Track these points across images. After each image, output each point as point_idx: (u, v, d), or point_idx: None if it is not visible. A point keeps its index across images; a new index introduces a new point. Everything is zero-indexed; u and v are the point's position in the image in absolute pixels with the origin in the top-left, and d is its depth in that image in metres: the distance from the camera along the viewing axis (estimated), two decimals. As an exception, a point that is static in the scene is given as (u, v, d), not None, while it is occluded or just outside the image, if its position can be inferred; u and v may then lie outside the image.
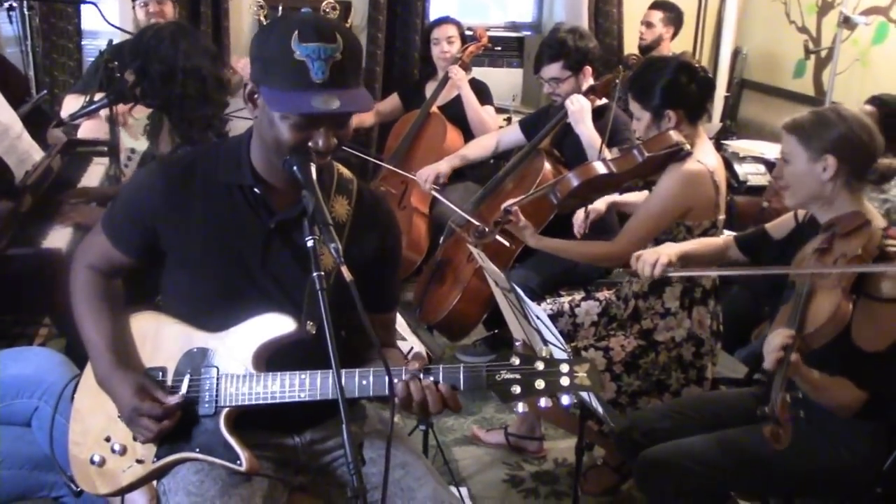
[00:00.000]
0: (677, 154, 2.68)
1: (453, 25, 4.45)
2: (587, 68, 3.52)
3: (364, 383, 1.64)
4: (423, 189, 3.87)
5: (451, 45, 4.39)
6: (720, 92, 5.66)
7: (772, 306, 2.22)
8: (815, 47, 5.04)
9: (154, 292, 1.92)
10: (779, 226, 2.42)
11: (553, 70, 3.53)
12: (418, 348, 2.50)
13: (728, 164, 4.26)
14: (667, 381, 2.74)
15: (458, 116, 4.32)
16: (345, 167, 1.89)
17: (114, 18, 4.07)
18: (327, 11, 4.87)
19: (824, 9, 5.07)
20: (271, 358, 1.72)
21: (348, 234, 1.80)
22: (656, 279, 2.34)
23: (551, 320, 2.23)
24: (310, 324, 1.67)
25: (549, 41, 3.57)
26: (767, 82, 5.58)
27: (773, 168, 4.26)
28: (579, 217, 3.19)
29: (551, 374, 1.58)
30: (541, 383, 1.58)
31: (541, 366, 1.59)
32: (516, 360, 1.60)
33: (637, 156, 2.73)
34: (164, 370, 1.77)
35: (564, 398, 1.58)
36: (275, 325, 1.70)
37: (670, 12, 5.19)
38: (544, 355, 1.60)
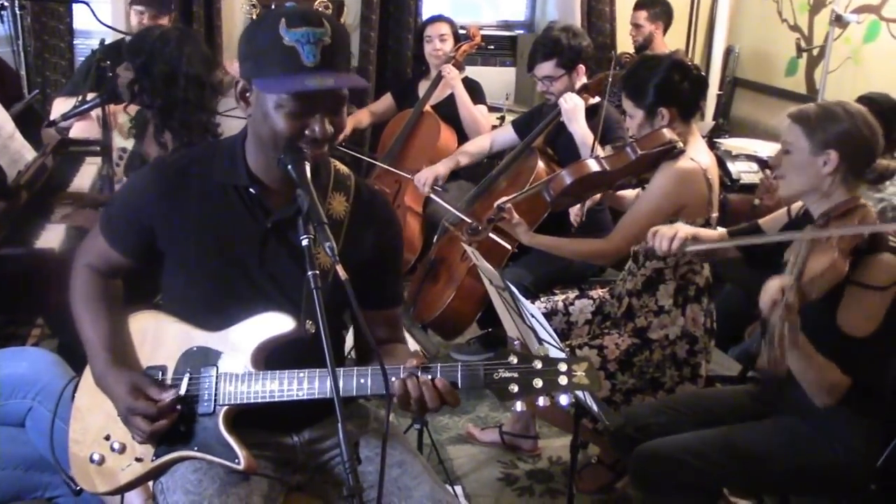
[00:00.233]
0: (670, 152, 2.69)
1: (446, 23, 4.45)
2: (581, 67, 3.53)
3: (362, 382, 1.63)
4: (421, 191, 3.86)
5: (443, 42, 4.39)
6: (713, 90, 5.67)
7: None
8: (807, 45, 5.05)
9: (154, 292, 1.91)
10: (772, 221, 2.43)
11: (546, 68, 3.53)
12: (413, 347, 2.50)
13: (721, 163, 4.26)
14: (661, 379, 2.75)
15: (452, 115, 4.32)
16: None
17: (106, 18, 4.08)
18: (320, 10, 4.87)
19: (816, 7, 5.09)
20: (270, 357, 1.72)
21: (346, 230, 1.80)
22: (675, 253, 2.30)
23: (545, 319, 2.23)
24: (308, 323, 1.66)
25: (543, 39, 3.57)
26: (760, 80, 5.60)
27: (765, 166, 4.32)
28: (575, 206, 3.18)
29: (550, 373, 1.58)
30: (539, 382, 1.57)
31: (539, 365, 1.58)
32: (514, 359, 1.59)
33: (630, 153, 2.74)
34: (163, 369, 1.76)
35: (563, 397, 1.58)
36: (273, 324, 1.70)
37: (654, 7, 5.19)
38: (542, 354, 1.60)
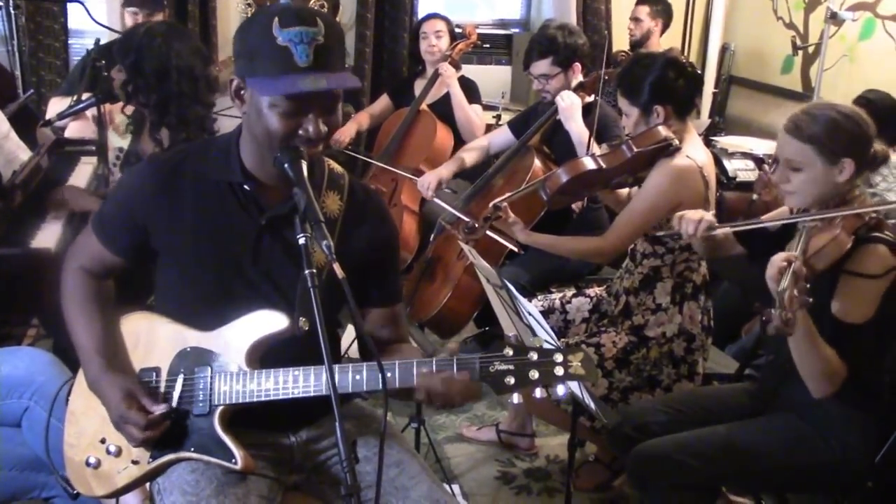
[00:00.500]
0: (666, 149, 2.69)
1: (442, 20, 4.44)
2: (577, 65, 3.52)
3: (357, 378, 1.63)
4: (425, 195, 3.83)
5: (439, 39, 4.38)
6: (708, 88, 5.68)
7: (762, 302, 2.22)
8: (802, 43, 5.06)
9: (146, 293, 1.91)
10: (773, 218, 2.43)
11: (542, 66, 3.53)
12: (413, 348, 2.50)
13: (717, 160, 4.26)
14: (658, 377, 2.75)
15: (448, 114, 4.32)
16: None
17: (101, 17, 4.06)
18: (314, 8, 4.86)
19: (811, 5, 5.10)
20: (265, 355, 1.71)
21: (340, 229, 1.79)
22: (700, 237, 2.27)
23: (542, 317, 2.23)
24: (302, 320, 1.66)
25: (539, 37, 3.56)
26: (755, 78, 5.60)
27: (760, 163, 4.32)
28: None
29: (545, 364, 1.58)
30: (535, 374, 1.58)
31: (535, 356, 1.58)
32: (510, 352, 1.59)
33: (626, 151, 2.74)
34: (157, 370, 1.75)
35: (559, 388, 1.58)
36: (267, 322, 1.70)
37: (657, 5, 5.19)
38: (537, 346, 1.60)
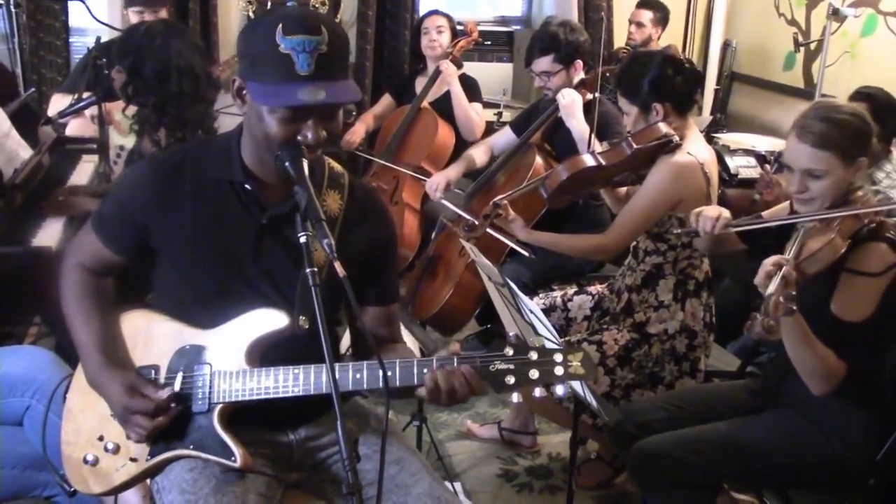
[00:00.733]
0: (666, 146, 2.68)
1: (443, 17, 4.43)
2: (578, 62, 3.51)
3: (357, 377, 1.63)
4: (433, 197, 3.82)
5: (440, 34, 4.37)
6: (710, 85, 5.67)
7: (761, 300, 2.22)
8: (804, 40, 5.04)
9: (144, 291, 1.90)
10: (774, 214, 2.43)
11: (544, 63, 3.52)
12: (411, 344, 2.50)
13: (719, 158, 4.26)
14: (660, 374, 2.75)
15: (449, 112, 4.31)
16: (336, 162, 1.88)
17: (102, 15, 4.06)
18: (317, 7, 4.86)
19: (813, 1, 5.09)
20: (264, 354, 1.71)
21: (340, 228, 1.79)
22: (718, 233, 2.27)
23: (544, 315, 2.23)
24: (302, 319, 1.66)
25: (541, 34, 3.56)
26: (757, 75, 5.59)
27: (762, 160, 4.31)
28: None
29: (545, 363, 1.58)
30: (535, 373, 1.58)
31: (535, 355, 1.59)
32: (510, 351, 1.60)
33: (626, 148, 2.74)
34: (156, 368, 1.76)
35: (559, 388, 1.58)
36: (267, 320, 1.70)
37: (659, 12, 5.19)
38: (538, 345, 1.60)
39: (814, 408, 2.16)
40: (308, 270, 1.49)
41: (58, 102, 3.59)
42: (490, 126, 4.51)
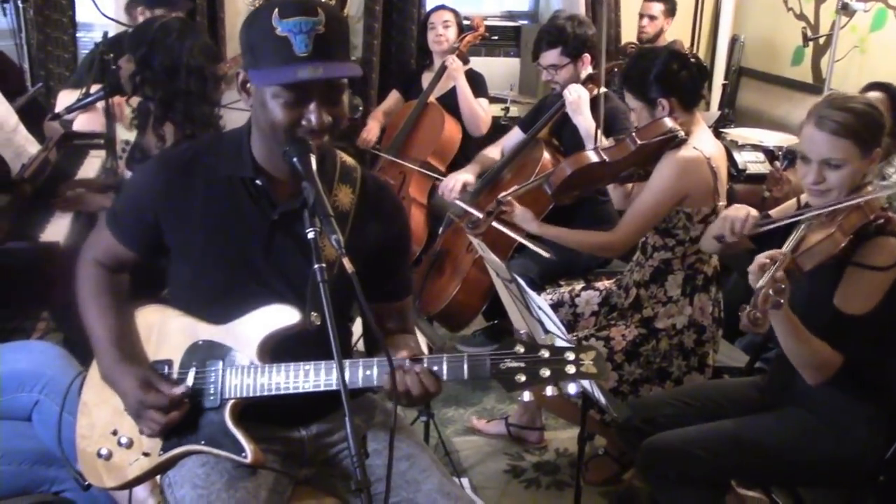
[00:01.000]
0: (672, 141, 2.67)
1: (450, 11, 4.43)
2: (586, 56, 3.51)
3: (368, 373, 1.63)
4: (447, 198, 3.81)
5: (446, 29, 4.36)
6: (718, 80, 5.64)
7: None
8: (813, 34, 5.02)
9: (159, 286, 1.91)
10: (782, 212, 2.42)
11: (551, 57, 3.51)
12: (419, 339, 2.49)
13: (727, 153, 4.25)
14: (668, 369, 2.74)
15: (455, 107, 4.30)
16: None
17: (109, 10, 4.07)
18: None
19: (822, -5, 5.06)
20: (276, 349, 1.71)
21: (352, 222, 1.79)
22: (747, 234, 2.23)
23: (552, 310, 2.22)
24: (314, 315, 1.66)
25: (549, 28, 3.55)
26: (765, 70, 5.57)
27: (770, 155, 4.29)
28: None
29: (557, 362, 1.57)
30: (546, 371, 1.57)
31: (546, 354, 1.58)
32: (521, 349, 1.59)
33: (630, 144, 2.73)
34: (169, 363, 1.76)
35: (570, 386, 1.57)
36: (279, 316, 1.70)
37: (669, 3, 5.17)
38: (548, 343, 1.59)
39: (822, 405, 2.15)
40: (317, 266, 1.49)
41: (65, 98, 3.59)
42: (496, 121, 4.50)
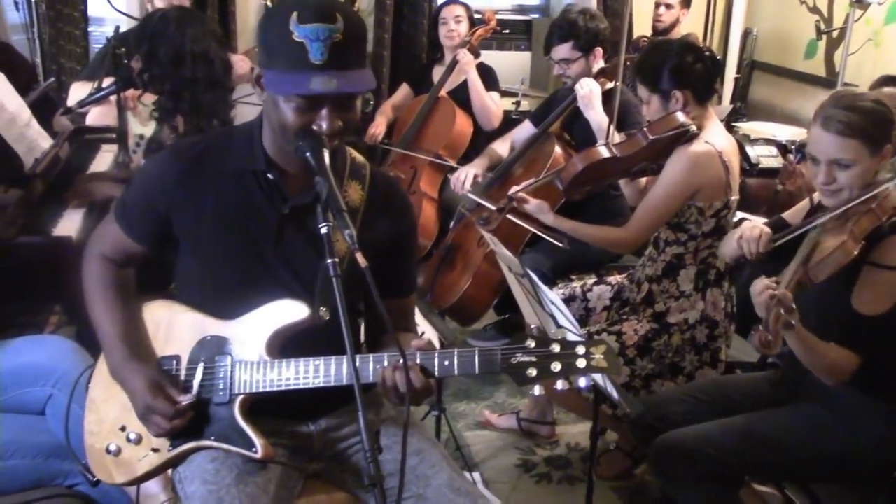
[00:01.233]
0: (683, 135, 2.66)
1: (461, 6, 4.42)
2: (598, 49, 3.49)
3: (378, 368, 1.63)
4: (458, 190, 3.81)
5: (458, 24, 4.35)
6: (731, 73, 5.62)
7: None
8: (826, 27, 4.99)
9: (167, 281, 1.91)
10: (795, 213, 2.40)
11: (563, 51, 3.50)
12: (430, 334, 2.49)
13: (739, 147, 4.22)
14: (680, 364, 2.73)
15: (467, 101, 4.30)
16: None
17: (120, 5, 4.07)
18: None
19: (835, -12, 5.03)
20: (285, 344, 1.71)
21: (362, 219, 1.78)
22: (765, 252, 2.22)
23: (564, 305, 2.22)
24: (323, 310, 1.66)
25: (560, 21, 3.54)
26: (778, 63, 5.54)
27: (783, 149, 4.27)
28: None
29: (568, 356, 1.57)
30: (557, 366, 1.57)
31: (557, 348, 1.57)
32: (532, 343, 1.58)
33: (642, 139, 2.72)
34: (177, 359, 1.76)
35: (581, 380, 1.57)
36: (288, 311, 1.69)
37: None
38: (559, 337, 1.59)
39: (836, 400, 2.14)
40: (329, 261, 1.49)
41: (77, 91, 3.59)
42: (507, 115, 4.49)
